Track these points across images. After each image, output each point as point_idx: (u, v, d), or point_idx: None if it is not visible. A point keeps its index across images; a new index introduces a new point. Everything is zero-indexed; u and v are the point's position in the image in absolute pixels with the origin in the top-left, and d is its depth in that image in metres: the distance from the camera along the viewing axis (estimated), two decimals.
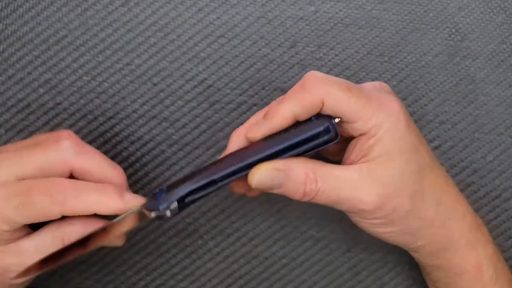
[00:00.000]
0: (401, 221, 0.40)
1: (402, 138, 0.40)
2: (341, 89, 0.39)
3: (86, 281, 0.48)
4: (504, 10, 0.48)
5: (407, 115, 0.40)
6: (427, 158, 0.41)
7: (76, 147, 0.40)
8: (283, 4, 0.48)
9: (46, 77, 0.47)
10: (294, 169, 0.39)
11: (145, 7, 0.47)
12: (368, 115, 0.39)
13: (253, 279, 0.48)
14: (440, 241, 0.42)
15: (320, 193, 0.39)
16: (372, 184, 0.39)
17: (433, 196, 0.41)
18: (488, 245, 0.42)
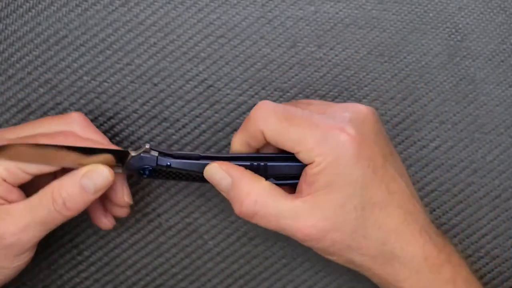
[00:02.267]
0: (341, 254, 0.40)
1: (347, 170, 0.39)
2: (279, 120, 0.39)
3: (85, 281, 0.48)
4: (504, 10, 0.48)
5: (359, 145, 0.39)
6: (377, 195, 0.39)
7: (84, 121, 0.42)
8: (283, 4, 0.48)
9: (46, 77, 0.47)
10: (241, 182, 0.40)
11: (145, 7, 0.47)
12: (309, 145, 0.39)
13: (253, 279, 0.48)
14: (385, 278, 0.41)
15: (260, 217, 0.40)
16: (313, 216, 0.39)
17: (377, 235, 0.40)
18: (445, 287, 0.41)
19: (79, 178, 0.40)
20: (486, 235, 0.48)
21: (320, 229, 0.39)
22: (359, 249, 0.40)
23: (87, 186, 0.40)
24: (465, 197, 0.48)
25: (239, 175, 0.40)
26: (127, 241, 0.48)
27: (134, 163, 0.41)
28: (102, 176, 0.40)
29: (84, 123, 0.42)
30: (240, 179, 0.40)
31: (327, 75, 0.48)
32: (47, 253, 0.48)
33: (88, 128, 0.42)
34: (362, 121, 0.40)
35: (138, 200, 0.48)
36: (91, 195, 0.40)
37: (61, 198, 0.39)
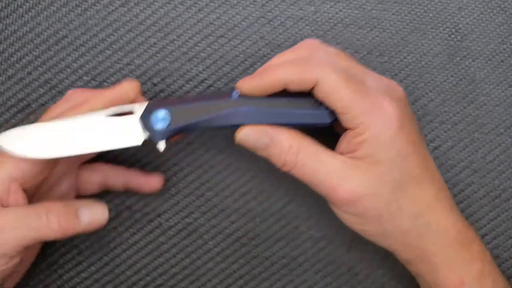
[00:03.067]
0: (373, 222, 0.40)
1: (389, 144, 0.39)
2: (339, 78, 0.39)
3: (85, 281, 0.48)
4: (504, 10, 0.48)
5: (402, 121, 0.39)
6: (415, 169, 0.40)
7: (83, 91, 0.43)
8: (283, 4, 0.48)
9: (46, 77, 0.47)
10: (280, 136, 0.40)
11: (145, 7, 0.47)
12: (357, 112, 0.39)
13: (253, 279, 0.48)
14: (415, 252, 0.41)
15: (299, 167, 0.40)
16: (349, 179, 0.39)
17: (411, 208, 0.40)
18: (474, 262, 0.41)
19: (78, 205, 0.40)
20: (486, 235, 0.48)
21: (356, 194, 0.39)
22: (392, 220, 0.40)
23: (83, 215, 0.40)
24: (465, 197, 0.48)
25: (275, 130, 0.40)
26: (127, 241, 0.48)
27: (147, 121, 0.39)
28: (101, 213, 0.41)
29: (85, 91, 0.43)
30: (278, 134, 0.40)
31: None
32: (47, 253, 0.48)
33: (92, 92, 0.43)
34: (400, 99, 0.41)
35: (138, 200, 0.48)
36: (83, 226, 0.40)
37: (57, 213, 0.39)
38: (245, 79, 0.40)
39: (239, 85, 0.40)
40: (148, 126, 0.39)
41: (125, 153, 0.48)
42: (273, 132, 0.40)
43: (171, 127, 0.39)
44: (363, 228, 0.41)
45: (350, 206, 0.40)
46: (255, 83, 0.40)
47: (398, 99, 0.41)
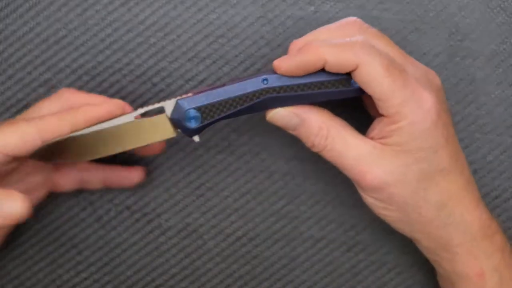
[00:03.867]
0: (398, 209, 0.41)
1: (423, 135, 0.39)
2: (381, 65, 0.38)
3: (85, 281, 0.48)
4: (504, 10, 0.48)
5: (439, 114, 0.39)
6: (445, 161, 0.40)
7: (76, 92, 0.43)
8: (283, 4, 0.48)
9: (45, 77, 0.47)
10: (310, 118, 0.40)
11: (145, 7, 0.47)
12: (396, 101, 0.38)
13: (253, 280, 0.48)
14: (438, 241, 0.41)
15: (327, 150, 0.40)
16: (377, 165, 0.39)
17: (437, 199, 0.40)
18: (495, 254, 0.41)
19: None
20: None
21: (382, 181, 0.40)
22: (417, 209, 0.40)
23: None
24: None
25: (307, 111, 0.40)
26: (127, 241, 0.48)
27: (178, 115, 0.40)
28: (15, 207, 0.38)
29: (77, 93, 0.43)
30: (309, 116, 0.40)
31: None
32: (47, 253, 0.48)
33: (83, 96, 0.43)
34: (438, 90, 0.41)
35: (138, 200, 0.48)
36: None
37: None
38: (283, 59, 0.39)
39: (277, 65, 0.39)
40: (179, 125, 0.40)
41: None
42: (304, 113, 0.40)
43: (203, 124, 0.40)
44: (387, 213, 0.41)
45: (376, 192, 0.40)
46: (294, 63, 0.39)
47: (437, 90, 0.41)
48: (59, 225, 0.48)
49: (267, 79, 0.39)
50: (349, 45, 0.39)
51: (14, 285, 0.47)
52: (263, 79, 0.39)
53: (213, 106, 0.39)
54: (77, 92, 0.43)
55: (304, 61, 0.39)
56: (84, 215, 0.48)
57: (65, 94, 0.43)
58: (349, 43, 0.39)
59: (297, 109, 0.40)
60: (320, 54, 0.39)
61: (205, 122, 0.40)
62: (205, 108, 0.39)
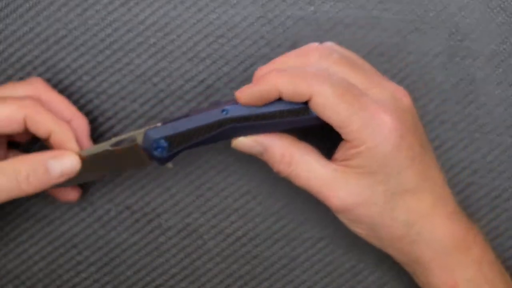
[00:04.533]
0: (367, 228, 0.41)
1: (384, 158, 0.39)
2: (334, 93, 0.39)
3: (85, 281, 0.48)
4: (504, 10, 0.48)
5: (402, 136, 0.39)
6: (412, 182, 0.40)
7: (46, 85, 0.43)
8: (283, 4, 0.48)
9: (45, 77, 0.47)
10: (273, 146, 0.41)
11: (145, 7, 0.47)
12: (353, 127, 0.39)
13: (253, 280, 0.48)
14: (410, 256, 0.42)
15: (293, 176, 0.41)
16: (341, 188, 0.40)
17: (405, 218, 0.40)
18: (471, 266, 0.41)
19: (47, 158, 0.40)
20: (486, 235, 0.48)
21: (347, 203, 0.40)
22: (386, 227, 0.41)
23: (53, 168, 0.40)
24: (465, 197, 0.48)
25: (269, 139, 0.41)
26: (127, 241, 0.48)
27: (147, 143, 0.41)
28: (71, 162, 0.41)
29: (47, 86, 0.43)
30: (271, 143, 0.41)
31: None
32: (46, 253, 0.48)
33: (51, 90, 0.43)
34: (404, 109, 0.41)
35: (138, 200, 0.48)
36: (54, 178, 0.40)
37: (26, 171, 0.39)
38: (242, 90, 0.40)
39: (238, 96, 0.40)
40: (150, 154, 0.41)
41: None
42: (266, 141, 0.41)
43: (170, 152, 0.41)
44: (359, 231, 0.42)
45: (344, 213, 0.41)
46: (252, 94, 0.40)
47: (403, 109, 0.41)
48: (59, 225, 0.48)
49: (227, 109, 0.40)
50: (303, 76, 0.39)
51: (15, 285, 0.47)
52: (223, 110, 0.40)
53: (179, 136, 0.41)
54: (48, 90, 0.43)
55: (261, 91, 0.40)
56: (84, 215, 0.48)
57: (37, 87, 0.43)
58: (302, 74, 0.39)
59: (260, 138, 0.41)
60: (275, 85, 0.39)
61: (173, 151, 0.41)
62: (171, 137, 0.41)
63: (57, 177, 0.40)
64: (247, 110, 0.40)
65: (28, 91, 0.42)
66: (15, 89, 0.42)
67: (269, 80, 0.40)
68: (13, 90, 0.42)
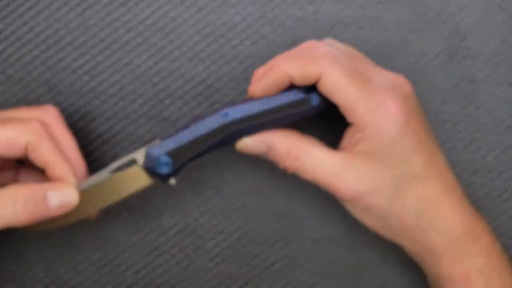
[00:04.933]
0: (377, 217, 0.41)
1: (390, 143, 0.39)
2: (344, 73, 0.39)
3: (85, 282, 0.48)
4: (504, 10, 0.48)
5: (407, 120, 0.39)
6: (419, 167, 0.40)
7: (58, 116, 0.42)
8: (283, 4, 0.48)
9: (45, 77, 0.47)
10: (278, 143, 0.41)
11: (145, 7, 0.47)
12: (360, 109, 0.39)
13: (253, 280, 0.48)
14: (421, 246, 0.41)
15: (300, 171, 0.41)
16: (350, 176, 0.40)
17: (415, 206, 0.40)
18: (481, 256, 0.41)
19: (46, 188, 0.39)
20: None
21: (357, 191, 0.40)
22: (396, 215, 0.40)
23: (52, 199, 0.39)
24: None
25: (273, 136, 0.41)
26: (127, 241, 0.48)
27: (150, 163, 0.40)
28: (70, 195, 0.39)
29: (59, 118, 0.42)
30: (276, 141, 0.41)
31: None
32: (46, 253, 0.48)
33: (61, 124, 0.42)
34: (407, 96, 0.41)
35: (138, 200, 0.48)
36: (52, 210, 0.39)
37: (23, 200, 0.38)
38: (253, 83, 0.40)
39: (251, 91, 0.40)
40: (154, 173, 0.40)
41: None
42: (270, 138, 0.41)
43: (175, 167, 0.40)
44: (368, 221, 0.42)
45: (354, 203, 0.41)
46: (263, 85, 0.40)
47: (405, 96, 0.41)
48: None
49: (227, 113, 0.40)
50: (311, 57, 0.40)
51: (15, 286, 0.47)
52: (224, 114, 0.40)
53: (182, 149, 0.40)
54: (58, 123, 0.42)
55: (271, 80, 0.40)
56: None
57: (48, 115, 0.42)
58: (311, 55, 0.40)
59: (263, 136, 0.41)
60: (284, 70, 0.39)
61: (177, 165, 0.40)
62: (174, 152, 0.40)
63: (55, 209, 0.39)
64: (247, 110, 0.40)
65: (38, 116, 0.41)
66: (26, 112, 0.42)
67: (277, 66, 0.40)
68: (23, 113, 0.41)
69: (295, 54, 0.41)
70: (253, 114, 0.40)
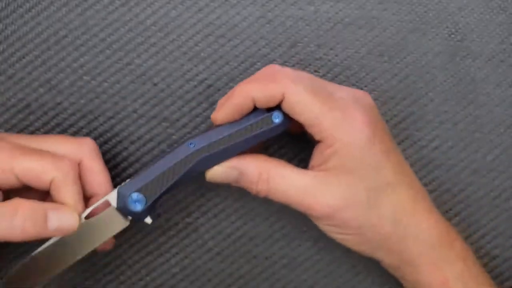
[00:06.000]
0: (354, 232, 0.41)
1: (360, 154, 0.39)
2: (307, 90, 0.39)
3: (86, 282, 0.48)
4: (504, 10, 0.48)
5: (373, 131, 0.40)
6: (390, 175, 0.40)
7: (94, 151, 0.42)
8: (283, 4, 0.48)
9: (46, 77, 0.47)
10: (248, 168, 0.41)
11: (145, 7, 0.47)
12: (327, 124, 0.39)
13: (253, 279, 0.48)
14: (399, 256, 0.41)
15: (272, 193, 0.41)
16: (323, 193, 0.40)
17: (390, 214, 0.40)
18: (457, 262, 0.41)
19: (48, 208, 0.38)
20: (486, 235, 0.48)
21: (332, 207, 0.40)
22: (373, 227, 0.40)
23: (52, 219, 0.38)
24: (465, 197, 0.48)
25: (242, 161, 0.41)
26: (127, 241, 0.48)
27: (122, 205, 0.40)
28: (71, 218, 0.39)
29: (94, 152, 0.42)
30: (246, 165, 0.41)
31: (327, 75, 0.48)
32: None
33: (96, 160, 0.42)
34: (370, 108, 0.41)
35: None
36: (51, 230, 0.38)
37: (23, 216, 0.37)
38: (217, 111, 0.41)
39: (214, 118, 0.41)
40: (127, 212, 0.40)
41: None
42: (240, 164, 0.41)
43: (148, 203, 0.40)
44: (345, 237, 0.42)
45: (329, 220, 0.41)
46: (227, 110, 0.40)
47: (368, 107, 0.41)
48: None
49: (193, 142, 0.40)
50: (273, 78, 0.40)
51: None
52: (189, 143, 0.40)
53: (152, 184, 0.40)
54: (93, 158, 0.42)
55: (235, 104, 0.40)
56: None
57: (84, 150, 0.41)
58: (272, 77, 0.40)
59: (233, 162, 0.41)
60: (247, 93, 0.40)
61: (150, 201, 0.40)
62: (145, 188, 0.40)
63: (53, 230, 0.38)
64: (212, 137, 0.40)
65: (72, 151, 0.41)
66: (62, 144, 0.41)
67: (240, 90, 0.40)
68: (58, 144, 0.41)
69: (257, 78, 0.41)
70: (218, 139, 0.40)
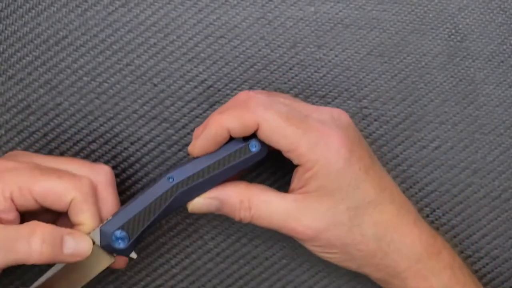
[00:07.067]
0: (339, 251, 0.41)
1: (340, 174, 0.39)
2: (280, 116, 0.39)
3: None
4: (504, 10, 0.48)
5: (351, 150, 0.40)
6: (371, 193, 0.40)
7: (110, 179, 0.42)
8: (283, 5, 0.48)
9: (46, 77, 0.47)
10: (229, 196, 0.41)
11: (145, 7, 0.47)
12: (303, 149, 0.39)
13: (253, 280, 0.48)
14: (385, 271, 0.42)
15: (255, 219, 0.41)
16: (305, 216, 0.40)
17: (373, 231, 0.41)
18: (444, 271, 0.42)
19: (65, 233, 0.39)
20: (486, 235, 0.48)
21: (315, 229, 0.40)
22: (357, 245, 0.41)
23: (68, 244, 0.38)
24: (465, 197, 0.48)
25: (222, 191, 0.41)
26: None
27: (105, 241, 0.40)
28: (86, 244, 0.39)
29: (109, 181, 0.42)
30: (226, 194, 0.41)
31: (327, 76, 0.48)
32: None
33: (109, 189, 0.42)
34: (346, 126, 0.41)
35: None
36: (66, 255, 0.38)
37: (41, 238, 0.37)
38: (193, 143, 0.41)
39: (190, 151, 0.41)
40: (111, 249, 0.40)
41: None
42: (220, 193, 0.41)
43: (131, 240, 0.40)
44: (331, 256, 0.42)
45: (314, 241, 0.41)
46: (203, 142, 0.40)
47: (345, 126, 0.41)
48: None
49: (172, 176, 0.40)
50: (246, 108, 0.40)
51: (16, 286, 0.47)
52: (168, 178, 0.40)
53: (133, 220, 0.40)
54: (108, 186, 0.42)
55: (210, 136, 0.40)
56: None
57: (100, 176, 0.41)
58: (246, 106, 0.40)
59: (213, 193, 0.41)
60: (222, 124, 0.39)
61: (133, 237, 0.40)
62: (126, 225, 0.40)
63: (68, 255, 0.38)
64: (191, 170, 0.41)
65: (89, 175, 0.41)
66: (79, 167, 0.41)
67: (214, 122, 0.40)
68: (76, 167, 0.41)
69: (230, 106, 0.41)
70: (197, 172, 0.40)
